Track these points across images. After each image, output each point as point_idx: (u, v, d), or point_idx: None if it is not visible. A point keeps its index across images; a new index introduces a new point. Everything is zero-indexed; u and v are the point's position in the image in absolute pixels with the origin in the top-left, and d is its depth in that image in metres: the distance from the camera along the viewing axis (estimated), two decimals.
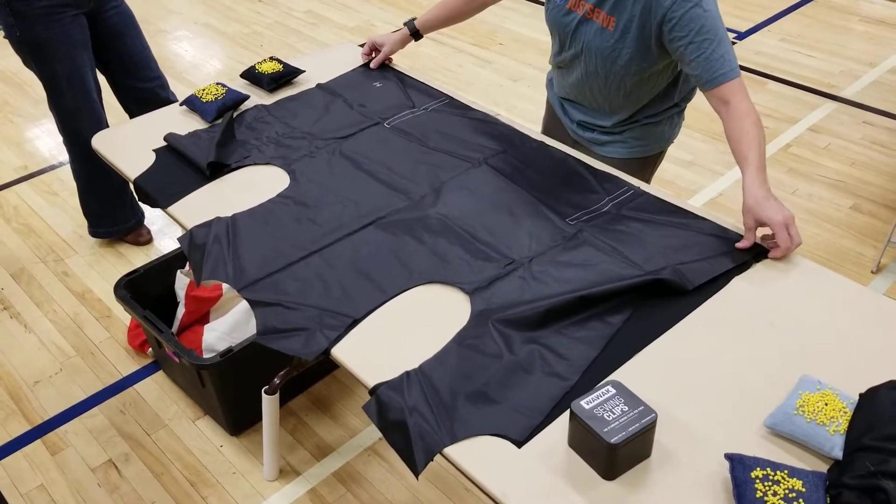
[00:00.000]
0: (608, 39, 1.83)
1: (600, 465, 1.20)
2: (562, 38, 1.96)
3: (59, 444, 2.39)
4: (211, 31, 4.90)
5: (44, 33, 2.60)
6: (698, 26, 1.69)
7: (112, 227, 3.11)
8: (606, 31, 1.83)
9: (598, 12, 1.83)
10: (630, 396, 1.22)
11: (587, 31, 1.87)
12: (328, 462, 2.32)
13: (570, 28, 1.90)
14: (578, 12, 1.87)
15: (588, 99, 2.01)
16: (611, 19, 1.81)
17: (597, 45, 1.86)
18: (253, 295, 1.55)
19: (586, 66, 1.92)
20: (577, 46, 1.92)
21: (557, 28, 1.96)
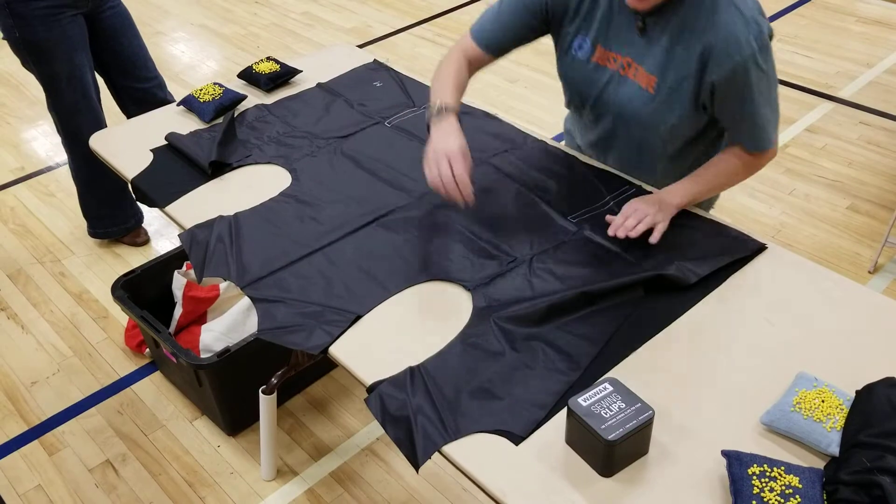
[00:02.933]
0: (648, 103, 1.60)
1: (598, 462, 1.21)
2: (583, 94, 1.73)
3: (56, 444, 2.39)
4: (207, 33, 4.90)
5: (43, 34, 2.61)
6: (754, 94, 1.52)
7: (111, 228, 3.11)
8: (646, 92, 1.59)
9: (635, 69, 1.59)
10: (627, 393, 1.22)
11: (621, 91, 1.63)
12: (325, 462, 2.32)
13: (597, 87, 1.66)
14: (610, 67, 1.62)
15: (618, 161, 1.82)
16: (651, 79, 1.56)
17: (633, 109, 1.63)
18: (256, 292, 1.55)
19: (615, 128, 1.73)
20: (606, 108, 1.70)
21: (579, 85, 1.71)
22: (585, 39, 1.63)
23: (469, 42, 1.76)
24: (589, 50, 1.63)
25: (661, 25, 1.54)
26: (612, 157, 1.82)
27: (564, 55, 1.70)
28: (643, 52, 1.57)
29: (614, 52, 1.60)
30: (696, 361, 1.38)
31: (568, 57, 1.68)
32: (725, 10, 1.47)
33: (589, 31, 1.63)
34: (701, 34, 1.49)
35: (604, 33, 1.60)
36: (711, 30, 1.47)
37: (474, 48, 1.75)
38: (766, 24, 1.50)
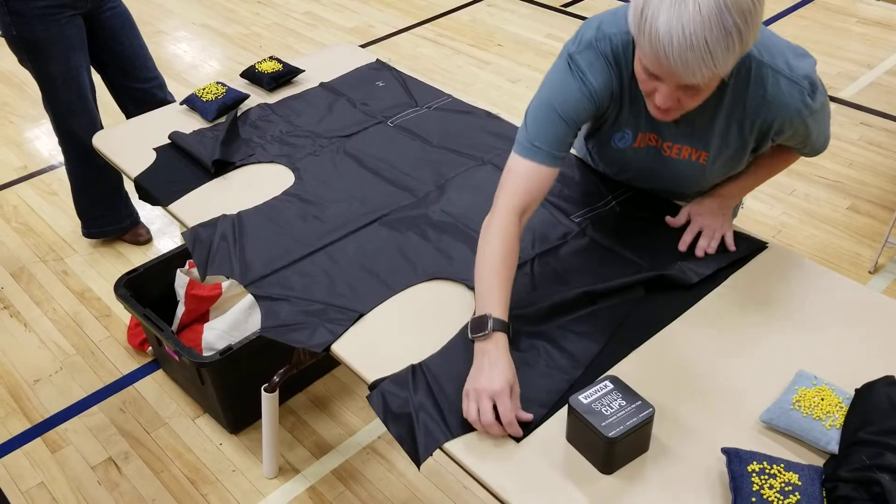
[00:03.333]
0: (701, 172, 1.58)
1: (598, 459, 1.21)
2: (622, 169, 1.71)
3: (59, 442, 2.40)
4: (210, 32, 4.91)
5: (41, 33, 2.61)
6: (812, 132, 1.51)
7: (105, 228, 3.11)
8: (698, 164, 1.56)
9: (681, 149, 1.55)
10: (628, 391, 1.23)
11: (668, 166, 1.60)
12: (327, 460, 2.32)
13: (639, 164, 1.63)
14: (652, 145, 1.57)
15: None
16: (702, 154, 1.54)
17: (682, 178, 1.62)
18: (259, 290, 1.56)
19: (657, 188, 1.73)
20: (649, 177, 1.68)
21: (619, 163, 1.68)
22: (626, 132, 1.57)
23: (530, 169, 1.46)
24: (630, 139, 1.58)
25: (701, 112, 1.46)
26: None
27: (603, 145, 1.62)
28: (685, 135, 1.52)
29: (655, 133, 1.54)
30: (697, 359, 1.38)
31: (608, 146, 1.61)
32: (773, 83, 1.40)
33: (628, 124, 1.55)
34: (755, 112, 1.44)
35: (643, 121, 1.53)
36: (764, 107, 1.43)
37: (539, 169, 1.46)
38: (808, 65, 1.43)
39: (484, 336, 1.31)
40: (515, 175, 1.47)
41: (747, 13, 1.19)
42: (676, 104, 1.33)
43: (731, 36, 1.18)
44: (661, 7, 1.19)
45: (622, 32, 1.44)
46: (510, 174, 1.48)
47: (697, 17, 1.16)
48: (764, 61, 1.40)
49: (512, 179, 1.47)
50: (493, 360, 1.29)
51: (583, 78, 1.45)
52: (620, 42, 1.44)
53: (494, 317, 1.33)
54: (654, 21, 1.19)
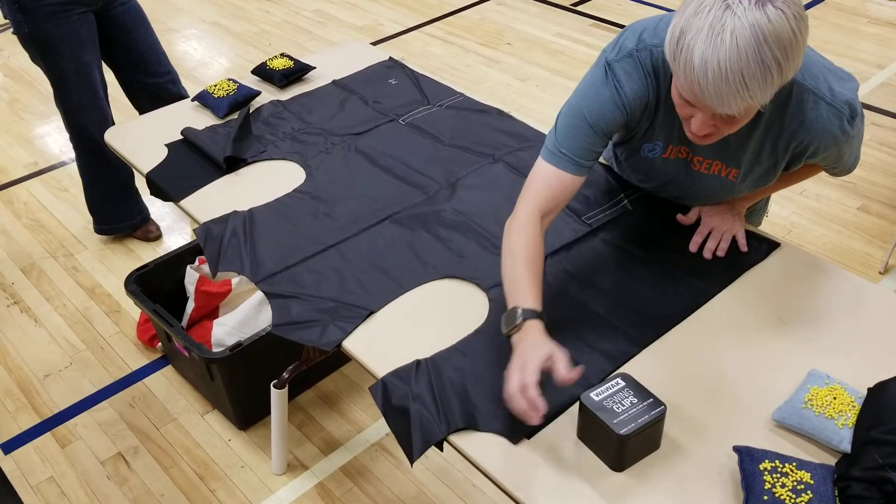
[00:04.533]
0: (729, 188, 1.56)
1: (609, 456, 1.21)
2: (650, 178, 1.68)
3: (68, 436, 2.41)
4: (219, 30, 4.92)
5: (52, 30, 2.62)
6: (843, 154, 1.49)
7: (116, 224, 3.12)
8: (727, 180, 1.54)
9: (711, 164, 1.53)
10: (639, 389, 1.23)
11: (697, 179, 1.58)
12: (335, 457, 2.33)
13: (668, 175, 1.61)
14: (682, 157, 1.55)
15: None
16: (732, 171, 1.51)
17: (712, 194, 1.60)
18: (270, 288, 1.56)
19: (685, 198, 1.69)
20: (678, 188, 1.65)
21: (647, 173, 1.66)
22: (657, 144, 1.54)
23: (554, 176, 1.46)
24: (660, 150, 1.55)
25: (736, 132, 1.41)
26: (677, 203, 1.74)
27: (632, 154, 1.60)
28: (717, 152, 1.49)
29: (686, 147, 1.52)
30: (708, 357, 1.38)
31: (637, 155, 1.59)
32: (812, 107, 1.37)
33: (660, 136, 1.52)
34: (791, 135, 1.42)
35: (675, 134, 1.50)
36: (802, 130, 1.40)
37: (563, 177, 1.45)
38: (850, 89, 1.40)
39: (516, 327, 1.29)
40: (540, 180, 1.46)
41: (788, 47, 1.15)
42: (713, 130, 1.30)
43: (769, 70, 1.15)
44: (697, 38, 1.15)
45: (663, 44, 1.36)
46: (535, 178, 1.47)
47: (734, 51, 1.13)
48: (805, 84, 1.36)
49: (536, 184, 1.46)
50: (529, 343, 1.26)
51: (618, 87, 1.42)
52: (661, 55, 1.40)
53: (524, 307, 1.31)
54: (689, 53, 1.16)
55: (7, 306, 2.88)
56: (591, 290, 1.51)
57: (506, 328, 1.32)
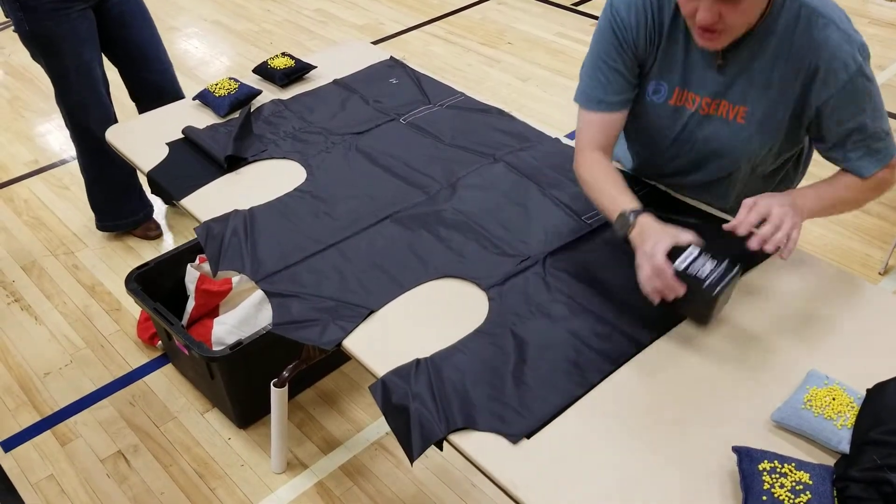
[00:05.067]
0: (739, 133, 1.52)
1: (699, 313, 1.38)
2: (659, 135, 1.64)
3: (68, 434, 2.41)
4: (221, 29, 4.92)
5: (52, 28, 2.63)
6: (869, 110, 1.44)
7: (119, 221, 3.12)
8: (736, 124, 1.51)
9: (717, 104, 1.51)
10: (711, 254, 1.35)
11: (705, 129, 1.55)
12: (335, 455, 2.33)
13: (676, 128, 1.58)
14: (689, 107, 1.54)
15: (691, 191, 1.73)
16: (739, 110, 1.49)
17: (721, 143, 1.55)
18: (270, 287, 1.56)
19: (698, 163, 1.63)
20: (687, 147, 1.61)
21: (654, 128, 1.62)
22: (661, 84, 1.55)
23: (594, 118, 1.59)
24: (666, 93, 1.56)
25: (745, 55, 1.45)
26: (686, 188, 1.73)
27: (639, 101, 1.61)
28: (726, 88, 1.49)
29: (693, 92, 1.52)
30: (708, 358, 1.38)
31: (644, 102, 1.59)
32: (823, 28, 1.37)
33: (666, 74, 1.54)
34: (800, 56, 1.40)
35: (681, 75, 1.52)
36: (812, 50, 1.38)
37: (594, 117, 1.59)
38: (859, 34, 1.41)
39: (631, 226, 1.43)
40: (583, 124, 1.61)
41: None
42: (718, 20, 1.31)
43: None
44: None
45: None
46: (579, 125, 1.63)
47: None
48: (817, 9, 1.38)
49: (581, 130, 1.62)
50: (650, 233, 1.38)
51: (615, 15, 1.52)
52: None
53: (629, 209, 1.45)
54: None
55: (7, 304, 2.88)
56: (591, 290, 1.52)
57: (621, 230, 1.45)
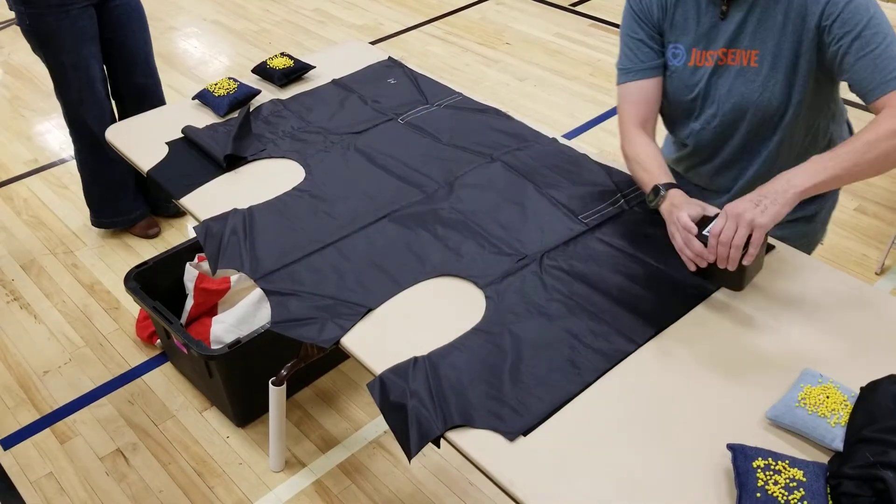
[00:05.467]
0: (755, 79, 1.52)
1: (733, 280, 1.46)
2: (688, 107, 1.66)
3: (67, 433, 2.42)
4: (220, 29, 4.93)
5: (52, 23, 2.64)
6: (865, 19, 1.38)
7: (115, 218, 3.13)
8: (749, 69, 1.52)
9: (733, 53, 1.54)
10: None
11: (723, 82, 1.57)
12: (333, 454, 2.34)
13: (699, 89, 1.60)
14: (708, 65, 1.57)
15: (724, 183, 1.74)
16: (752, 53, 1.51)
17: (739, 93, 1.55)
18: (269, 285, 1.57)
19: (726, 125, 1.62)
20: (712, 108, 1.62)
21: (679, 93, 1.65)
22: (678, 46, 1.62)
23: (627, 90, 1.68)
24: (684, 56, 1.62)
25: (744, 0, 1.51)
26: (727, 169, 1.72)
27: (668, 72, 1.65)
28: (734, 35, 1.53)
29: (708, 50, 1.57)
30: (703, 356, 1.39)
31: (669, 72, 1.64)
32: None
33: (681, 36, 1.62)
34: None
35: (695, 35, 1.59)
36: None
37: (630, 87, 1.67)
38: None
39: (661, 198, 1.53)
40: (622, 100, 1.69)
41: None
42: None
43: None
44: None
45: None
46: (618, 103, 1.71)
47: None
48: None
49: (621, 106, 1.70)
50: (678, 206, 1.48)
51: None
52: None
53: (660, 183, 1.54)
54: None
55: (7, 303, 2.89)
56: (588, 289, 1.53)
57: (652, 203, 1.55)
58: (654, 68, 1.65)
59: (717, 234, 1.37)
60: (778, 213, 1.34)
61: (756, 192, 1.38)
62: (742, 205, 1.36)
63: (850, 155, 1.36)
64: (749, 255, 1.37)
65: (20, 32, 2.72)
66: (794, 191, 1.35)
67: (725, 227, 1.36)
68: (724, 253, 1.37)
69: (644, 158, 1.62)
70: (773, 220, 1.34)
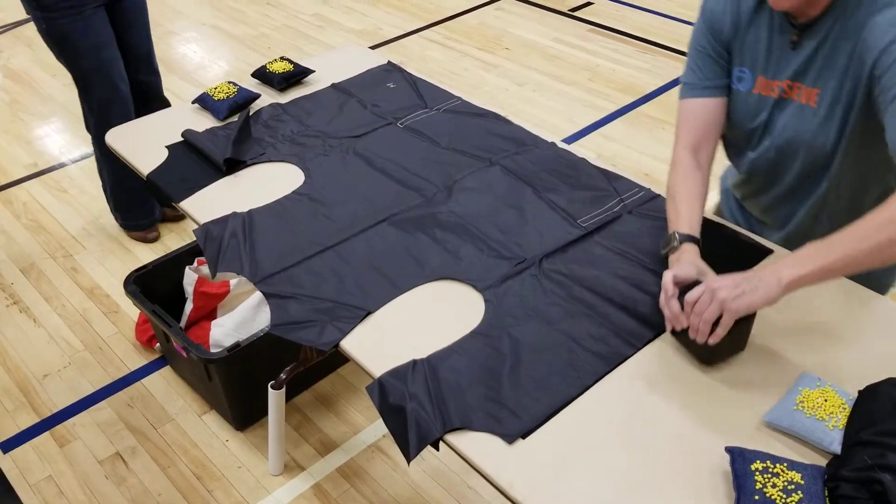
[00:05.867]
0: (811, 119, 1.46)
1: (702, 352, 1.36)
2: (747, 135, 1.58)
3: (67, 436, 2.42)
4: (219, 33, 4.94)
5: (66, 27, 2.66)
6: None
7: (142, 221, 3.17)
8: (808, 108, 1.46)
9: (797, 88, 1.46)
10: None
11: (782, 115, 1.50)
12: (332, 458, 2.34)
13: (760, 119, 1.53)
14: (772, 96, 1.50)
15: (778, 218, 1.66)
16: (813, 93, 1.43)
17: (794, 129, 1.49)
18: (269, 288, 1.58)
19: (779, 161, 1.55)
20: (768, 141, 1.55)
21: (742, 120, 1.58)
22: (744, 70, 1.55)
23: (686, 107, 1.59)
24: (749, 81, 1.54)
25: (818, 32, 1.43)
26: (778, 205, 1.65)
27: (730, 90, 1.59)
28: (802, 68, 1.46)
29: (774, 79, 1.50)
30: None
31: (733, 94, 1.57)
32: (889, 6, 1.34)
33: (749, 60, 1.54)
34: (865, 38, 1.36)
35: (763, 61, 1.51)
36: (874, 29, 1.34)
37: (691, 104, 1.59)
38: None
39: (672, 248, 1.47)
40: (679, 117, 1.61)
41: None
42: None
43: None
44: None
45: None
46: (677, 119, 1.61)
47: None
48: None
49: (678, 123, 1.61)
50: (681, 261, 1.43)
51: (704, 4, 1.57)
52: None
53: (680, 232, 1.47)
54: None
55: (6, 306, 2.89)
56: (587, 292, 1.53)
57: (663, 248, 1.50)
58: (719, 87, 1.57)
59: (691, 303, 1.32)
60: (753, 303, 1.25)
61: (745, 274, 1.29)
62: (723, 282, 1.29)
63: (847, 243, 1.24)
64: (715, 335, 1.29)
65: (18, 37, 2.73)
66: (780, 284, 1.24)
67: (700, 298, 1.30)
68: (695, 323, 1.31)
69: (678, 193, 1.53)
70: (745, 309, 1.26)
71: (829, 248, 1.24)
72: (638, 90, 4.15)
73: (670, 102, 3.97)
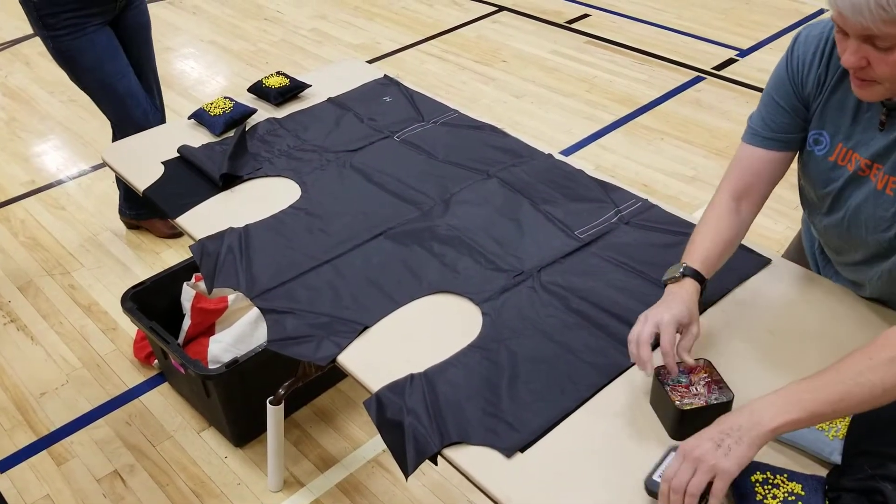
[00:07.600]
0: (887, 207, 1.34)
1: (670, 425, 1.29)
2: (822, 195, 1.47)
3: (64, 454, 2.41)
4: (217, 49, 4.95)
5: (71, 44, 2.68)
6: None
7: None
8: (884, 195, 1.33)
9: (876, 170, 1.34)
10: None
11: (857, 194, 1.39)
12: (332, 473, 2.33)
13: (833, 187, 1.42)
14: (849, 168, 1.38)
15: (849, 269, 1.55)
16: (891, 180, 1.32)
17: (867, 213, 1.38)
18: (265, 303, 1.57)
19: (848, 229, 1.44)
20: (840, 213, 1.44)
21: (814, 182, 1.48)
22: (823, 134, 1.42)
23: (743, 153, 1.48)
24: (827, 146, 1.42)
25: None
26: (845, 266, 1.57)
27: (803, 150, 1.48)
28: (884, 151, 1.33)
29: (855, 151, 1.37)
30: None
31: (806, 151, 1.46)
32: None
33: (830, 125, 1.41)
34: None
35: (845, 130, 1.38)
36: None
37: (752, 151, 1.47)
38: None
39: (674, 279, 1.38)
40: (735, 158, 1.50)
41: None
42: (864, 64, 1.19)
43: None
44: None
45: None
46: (732, 159, 1.51)
47: None
48: None
49: (732, 164, 1.51)
50: (674, 298, 1.35)
51: (795, 48, 1.41)
52: None
53: (688, 265, 1.39)
54: None
55: (3, 324, 2.88)
56: (584, 304, 1.52)
57: (666, 276, 1.41)
58: (784, 142, 1.45)
59: (668, 480, 1.13)
60: (744, 455, 1.09)
61: (717, 426, 1.13)
62: (701, 445, 1.11)
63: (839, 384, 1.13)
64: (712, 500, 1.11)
65: (16, 54, 2.75)
66: (761, 429, 1.10)
67: (680, 470, 1.11)
68: (677, 502, 1.11)
69: (701, 229, 1.46)
70: (738, 465, 1.09)
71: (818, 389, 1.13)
72: (635, 101, 4.16)
73: (668, 113, 3.97)
